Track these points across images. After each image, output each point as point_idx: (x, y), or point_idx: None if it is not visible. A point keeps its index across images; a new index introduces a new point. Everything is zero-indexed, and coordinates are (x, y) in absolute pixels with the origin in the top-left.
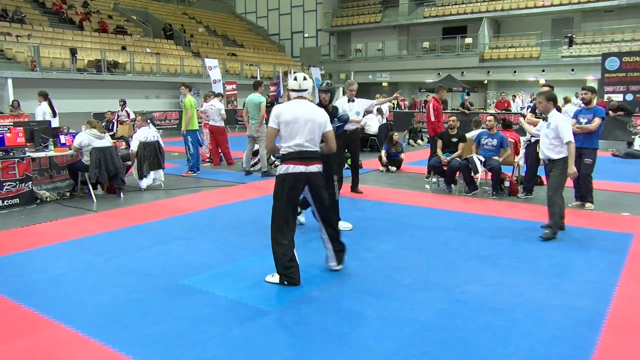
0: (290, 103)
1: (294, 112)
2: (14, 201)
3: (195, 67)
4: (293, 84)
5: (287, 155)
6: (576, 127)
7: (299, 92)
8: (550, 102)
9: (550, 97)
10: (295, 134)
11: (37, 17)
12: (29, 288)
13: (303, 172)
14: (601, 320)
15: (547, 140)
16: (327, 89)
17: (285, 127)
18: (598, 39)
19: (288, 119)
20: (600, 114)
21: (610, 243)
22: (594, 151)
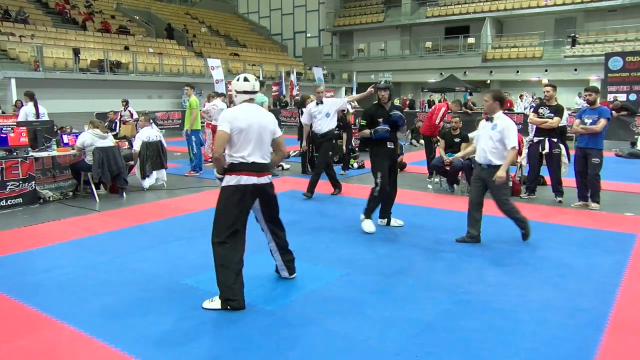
0: (243, 107)
1: (249, 117)
2: (17, 201)
3: (197, 67)
4: (245, 85)
5: (237, 166)
6: (580, 128)
7: (251, 95)
8: (496, 102)
9: (497, 96)
10: (249, 142)
11: (40, 17)
12: (32, 287)
13: (256, 184)
14: (604, 320)
15: (491, 143)
16: (386, 87)
17: (238, 134)
18: (601, 39)
19: (242, 125)
20: (606, 114)
21: (613, 243)
22: (600, 151)
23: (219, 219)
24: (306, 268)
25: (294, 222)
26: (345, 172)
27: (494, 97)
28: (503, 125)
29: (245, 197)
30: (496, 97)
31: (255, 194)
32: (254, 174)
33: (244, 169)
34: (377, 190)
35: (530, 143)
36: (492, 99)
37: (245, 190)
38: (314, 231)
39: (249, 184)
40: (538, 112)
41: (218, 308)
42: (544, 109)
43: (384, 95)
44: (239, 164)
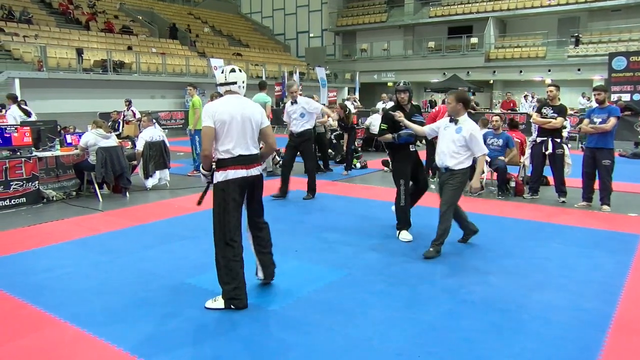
0: (224, 100)
1: (230, 109)
2: (20, 200)
3: (200, 67)
4: (219, 77)
5: (224, 161)
6: (589, 127)
7: (226, 86)
8: (460, 104)
9: (460, 98)
10: (232, 134)
11: (44, 18)
12: (35, 287)
13: (245, 177)
14: (608, 321)
15: (453, 147)
16: (406, 88)
17: (221, 127)
18: (605, 39)
19: (224, 117)
20: (616, 113)
21: (616, 244)
22: (610, 151)
23: (217, 218)
24: (308, 268)
25: (297, 222)
26: (348, 173)
27: (457, 99)
28: (470, 131)
29: (236, 191)
30: (459, 99)
31: (245, 186)
32: (242, 166)
33: (230, 164)
34: (403, 200)
35: (534, 143)
36: (455, 101)
37: (235, 184)
38: (316, 231)
39: (238, 177)
40: (541, 112)
41: (221, 307)
42: (547, 109)
43: (404, 98)
44: (226, 159)
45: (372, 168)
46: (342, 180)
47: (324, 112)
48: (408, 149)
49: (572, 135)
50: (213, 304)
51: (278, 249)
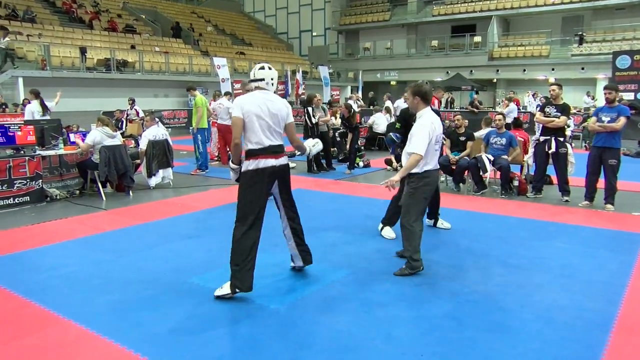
0: (253, 94)
1: (257, 102)
2: (24, 199)
3: (203, 66)
4: (250, 75)
5: (255, 151)
6: (598, 126)
7: (255, 83)
8: (417, 98)
9: (415, 91)
10: (262, 126)
11: (48, 17)
12: (39, 285)
13: (275, 166)
14: (611, 321)
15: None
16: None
17: (250, 119)
18: (609, 37)
19: (253, 109)
20: (625, 112)
21: (620, 243)
22: (617, 151)
23: (241, 204)
24: (311, 267)
25: None
26: (351, 172)
27: (413, 93)
28: (414, 127)
29: (265, 180)
30: (415, 92)
31: (274, 175)
32: (272, 156)
33: (261, 153)
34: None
35: (537, 142)
36: (412, 95)
37: (265, 173)
38: (319, 230)
39: (268, 166)
40: (544, 111)
41: (228, 293)
42: (550, 108)
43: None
44: (256, 149)
45: (375, 167)
46: (345, 179)
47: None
48: None
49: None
50: (220, 291)
51: (279, 248)
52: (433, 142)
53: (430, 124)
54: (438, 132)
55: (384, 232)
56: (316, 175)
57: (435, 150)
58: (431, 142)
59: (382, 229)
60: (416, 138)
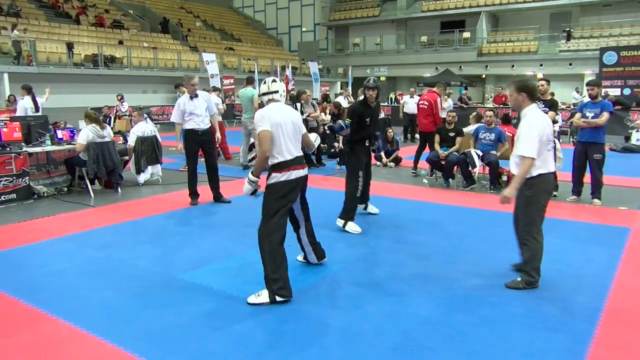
0: (271, 106)
1: (282, 114)
2: (11, 196)
3: (192, 62)
4: (262, 88)
5: (285, 163)
6: (582, 121)
7: (269, 95)
8: (522, 94)
9: (522, 87)
10: (287, 137)
11: (33, 11)
12: (28, 283)
13: (303, 176)
14: (598, 314)
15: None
16: (375, 86)
17: (277, 132)
18: (596, 33)
19: (278, 120)
20: (608, 108)
21: (607, 237)
22: (602, 146)
23: (268, 213)
24: (301, 263)
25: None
26: (341, 167)
27: (518, 89)
28: (521, 127)
29: (294, 190)
30: (521, 88)
31: (301, 184)
32: (300, 166)
33: (291, 165)
34: (359, 191)
35: None
36: (517, 91)
37: (296, 184)
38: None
39: (299, 177)
40: None
41: (266, 302)
42: (538, 103)
43: (372, 95)
44: (287, 160)
45: None
46: (335, 174)
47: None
48: (364, 143)
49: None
50: (257, 299)
51: None
52: (545, 141)
53: (539, 122)
54: (549, 131)
55: (349, 227)
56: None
57: (548, 150)
58: (542, 142)
59: (344, 225)
60: (524, 139)
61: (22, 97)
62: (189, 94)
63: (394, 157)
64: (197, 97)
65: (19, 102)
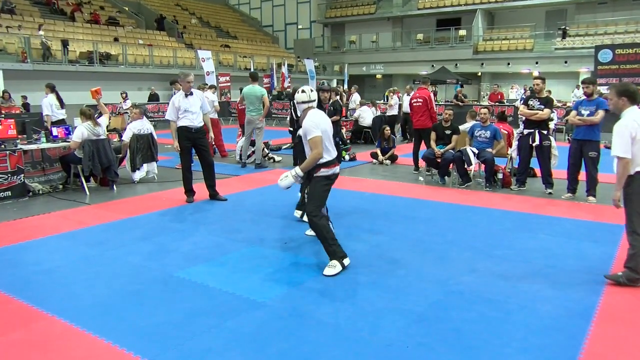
0: (315, 113)
1: (325, 120)
2: (5, 194)
3: (188, 59)
4: (303, 96)
5: (330, 161)
6: (577, 119)
7: (310, 104)
8: (623, 98)
9: (623, 91)
10: (328, 141)
11: (28, 8)
12: (23, 281)
13: (338, 172)
14: (593, 311)
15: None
16: (328, 89)
17: (325, 135)
18: (591, 31)
19: (324, 126)
20: (604, 106)
21: (602, 234)
22: (597, 143)
23: (318, 201)
24: (298, 260)
25: (284, 217)
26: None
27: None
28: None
29: (333, 182)
30: (622, 92)
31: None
32: (338, 164)
33: (332, 163)
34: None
35: (521, 135)
36: (617, 95)
37: (335, 177)
38: (305, 224)
39: (337, 172)
40: (528, 104)
41: (341, 269)
42: (533, 101)
43: (325, 97)
44: (331, 160)
45: (361, 160)
46: None
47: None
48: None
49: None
50: (333, 270)
51: (267, 242)
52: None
53: (632, 123)
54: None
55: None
56: None
57: None
58: (636, 141)
59: (302, 216)
60: (615, 140)
61: (46, 95)
62: (184, 91)
63: (390, 155)
64: (192, 95)
65: (43, 100)
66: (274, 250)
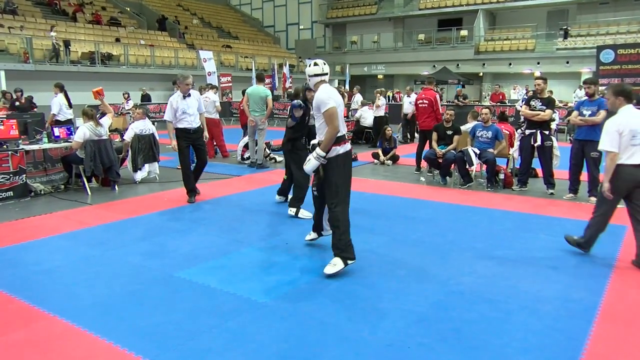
0: (327, 87)
1: (337, 95)
2: (7, 194)
3: (189, 59)
4: (316, 69)
5: (341, 137)
6: (579, 119)
7: (323, 77)
8: (619, 98)
9: (619, 91)
10: (341, 116)
11: (30, 9)
12: (24, 281)
13: (350, 149)
14: (594, 311)
15: None
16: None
17: (338, 109)
18: (593, 31)
19: (338, 100)
20: (605, 106)
21: (603, 235)
22: (598, 143)
23: (338, 188)
24: (299, 260)
25: (285, 216)
26: None
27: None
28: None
29: (350, 161)
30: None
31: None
32: (346, 141)
33: (344, 139)
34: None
35: (522, 135)
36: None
37: (350, 155)
38: (305, 223)
39: (348, 149)
40: (530, 104)
41: (342, 268)
42: (535, 102)
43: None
44: (342, 135)
45: (363, 160)
46: None
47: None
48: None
49: (560, 127)
50: (333, 268)
51: (270, 242)
52: (627, 136)
53: (622, 120)
54: (633, 127)
55: (302, 214)
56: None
57: (633, 145)
58: (623, 137)
59: (297, 213)
60: (603, 135)
61: (56, 94)
62: (181, 92)
63: (392, 155)
64: (190, 96)
65: (53, 100)
66: (275, 250)
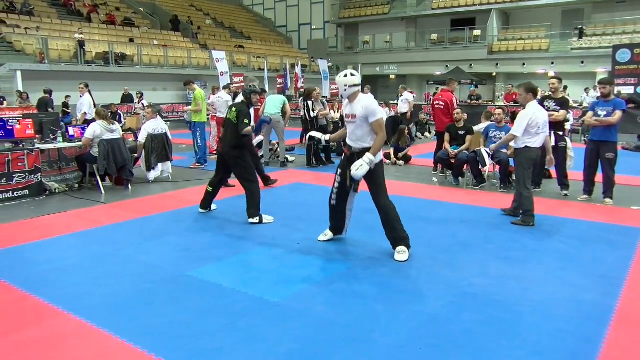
0: (370, 96)
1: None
2: (23, 192)
3: (202, 60)
4: (355, 79)
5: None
6: (594, 120)
7: (358, 87)
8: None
9: (530, 88)
10: None
11: (46, 10)
12: (39, 278)
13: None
14: (609, 314)
15: None
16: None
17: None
18: (609, 31)
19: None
20: (621, 106)
21: (619, 237)
22: (614, 144)
23: (383, 186)
24: (310, 260)
25: (297, 217)
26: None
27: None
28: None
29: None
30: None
31: None
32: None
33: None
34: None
35: None
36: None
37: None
38: (317, 224)
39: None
40: (544, 105)
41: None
42: (549, 102)
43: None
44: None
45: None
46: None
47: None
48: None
49: (575, 128)
50: (404, 255)
51: (279, 242)
52: (533, 126)
53: (533, 113)
54: (538, 120)
55: (266, 219)
56: (315, 169)
57: (536, 133)
58: (530, 126)
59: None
60: (517, 122)
61: (83, 94)
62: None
63: (404, 155)
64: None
65: (81, 99)
66: (286, 250)
